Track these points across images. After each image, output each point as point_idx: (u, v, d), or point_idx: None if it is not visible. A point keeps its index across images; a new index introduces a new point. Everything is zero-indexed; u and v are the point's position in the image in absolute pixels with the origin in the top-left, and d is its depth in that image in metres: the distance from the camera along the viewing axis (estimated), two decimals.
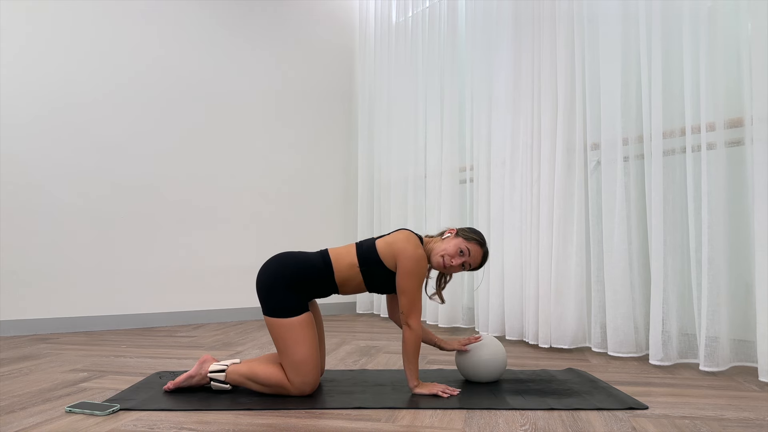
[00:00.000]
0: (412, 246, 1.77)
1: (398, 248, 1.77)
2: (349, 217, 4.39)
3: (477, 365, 1.92)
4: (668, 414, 1.57)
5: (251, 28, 4.00)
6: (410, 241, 1.78)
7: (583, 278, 2.62)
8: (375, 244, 1.82)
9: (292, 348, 1.70)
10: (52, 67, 3.24)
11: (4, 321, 3.03)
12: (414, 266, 1.75)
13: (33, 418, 1.51)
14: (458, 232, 1.88)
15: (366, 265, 1.79)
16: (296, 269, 1.76)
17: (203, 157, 3.74)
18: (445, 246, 1.84)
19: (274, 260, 1.80)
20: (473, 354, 1.93)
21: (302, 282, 1.76)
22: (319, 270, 1.79)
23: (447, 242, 1.86)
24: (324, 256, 1.82)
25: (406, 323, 1.75)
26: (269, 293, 1.74)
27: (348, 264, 1.80)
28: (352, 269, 1.80)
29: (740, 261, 2.25)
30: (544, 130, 2.79)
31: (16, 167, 3.12)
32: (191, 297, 3.64)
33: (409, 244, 1.77)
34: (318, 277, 1.78)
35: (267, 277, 1.76)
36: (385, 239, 1.82)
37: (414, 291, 1.75)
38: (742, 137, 2.22)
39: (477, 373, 1.93)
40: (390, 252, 1.78)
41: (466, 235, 1.87)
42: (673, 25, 2.38)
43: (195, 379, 1.78)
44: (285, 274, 1.75)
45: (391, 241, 1.80)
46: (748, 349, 2.20)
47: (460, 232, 1.88)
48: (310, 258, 1.82)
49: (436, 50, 3.66)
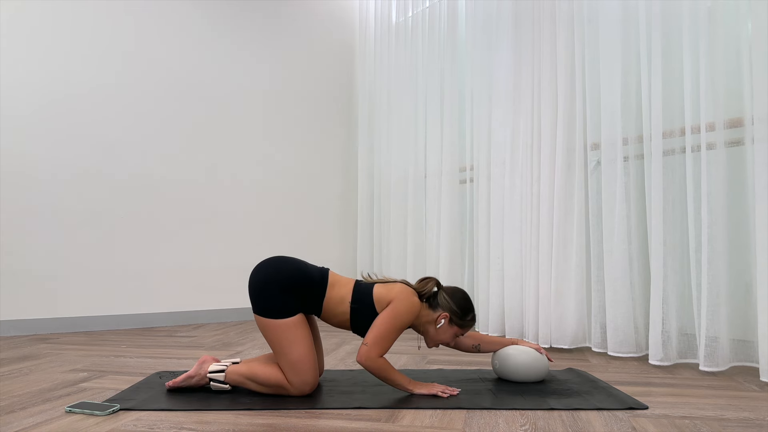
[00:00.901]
0: (408, 294, 1.75)
1: (394, 296, 1.75)
2: (349, 217, 4.39)
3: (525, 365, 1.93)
4: (668, 414, 1.57)
5: (251, 27, 4.00)
6: (407, 291, 1.76)
7: (583, 278, 2.62)
8: (373, 287, 1.79)
9: (287, 348, 1.69)
10: (51, 67, 3.24)
11: (4, 321, 3.03)
12: (403, 311, 1.72)
13: (33, 418, 1.51)
14: (452, 319, 1.81)
15: (357, 303, 1.76)
16: (292, 274, 1.74)
17: (203, 156, 3.74)
18: (441, 337, 1.82)
19: (267, 263, 1.78)
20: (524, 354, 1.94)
21: (293, 289, 1.73)
22: (313, 284, 1.76)
23: (442, 331, 1.81)
24: (323, 274, 1.80)
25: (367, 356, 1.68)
26: (262, 294, 1.71)
27: (340, 295, 1.77)
28: (343, 303, 1.77)
29: (740, 261, 2.25)
30: (544, 130, 2.79)
31: (16, 167, 3.12)
32: (191, 297, 3.64)
33: (406, 293, 1.75)
34: (309, 290, 1.75)
35: (262, 277, 1.74)
36: (386, 286, 1.79)
37: (389, 331, 1.70)
38: (742, 137, 2.22)
39: (518, 372, 1.93)
40: (386, 299, 1.75)
41: (461, 324, 1.82)
42: (673, 25, 2.38)
43: (194, 379, 1.78)
44: (279, 278, 1.72)
45: (391, 287, 1.78)
46: (748, 349, 2.20)
47: (453, 317, 1.80)
48: (308, 268, 1.79)
49: (436, 50, 3.66)
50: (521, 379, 1.94)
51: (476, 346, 2.01)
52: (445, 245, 3.42)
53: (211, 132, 3.78)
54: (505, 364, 1.95)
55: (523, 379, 1.94)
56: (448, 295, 1.82)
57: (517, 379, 1.94)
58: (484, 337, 2.02)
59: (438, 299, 1.83)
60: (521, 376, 1.93)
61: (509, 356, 1.95)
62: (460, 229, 3.46)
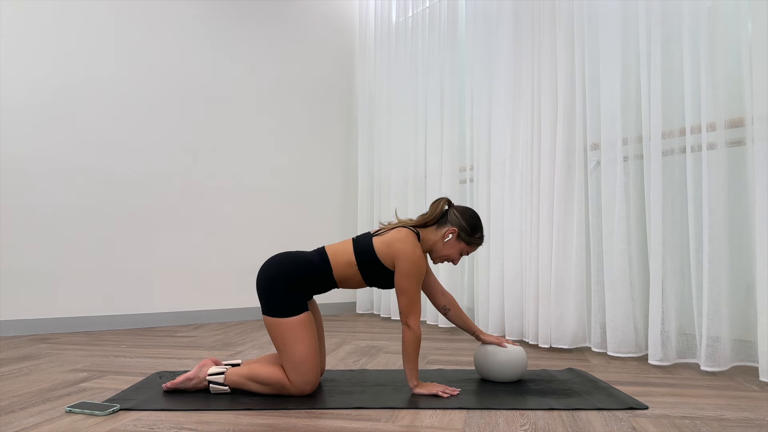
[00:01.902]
0: (411, 247, 1.77)
1: (397, 249, 1.77)
2: (349, 217, 4.39)
3: (499, 365, 1.92)
4: (668, 414, 1.57)
5: (251, 27, 4.00)
6: (409, 242, 1.78)
7: (583, 278, 2.63)
8: (372, 243, 1.81)
9: (291, 347, 1.70)
10: (50, 66, 3.24)
11: (4, 321, 3.03)
12: (412, 268, 1.75)
13: (33, 418, 1.51)
14: (459, 234, 1.86)
15: (364, 263, 1.80)
16: (295, 269, 1.76)
17: (203, 156, 3.74)
18: (447, 251, 1.87)
19: (272, 261, 1.80)
20: (497, 353, 1.93)
21: (301, 281, 1.76)
22: (318, 268, 1.79)
23: (449, 246, 1.86)
24: (321, 254, 1.83)
25: (405, 323, 1.75)
26: (269, 293, 1.74)
27: (346, 262, 1.81)
28: (351, 267, 1.81)
29: (741, 261, 2.25)
30: (544, 130, 2.79)
31: (15, 167, 3.12)
32: (191, 297, 3.64)
33: (408, 245, 1.77)
34: (317, 275, 1.79)
35: (266, 277, 1.76)
36: (383, 239, 1.81)
37: (413, 292, 1.75)
38: (742, 137, 2.22)
39: (495, 373, 1.93)
40: (388, 252, 1.78)
41: (468, 240, 1.87)
42: (673, 25, 2.38)
43: (192, 382, 1.77)
44: (284, 273, 1.75)
45: (389, 240, 1.80)
46: (749, 349, 2.20)
47: (462, 233, 1.86)
48: (307, 257, 1.82)
49: (436, 50, 3.66)
50: (504, 377, 1.94)
51: (446, 307, 2.03)
52: None
53: (211, 132, 3.78)
54: (486, 366, 1.95)
55: (505, 377, 1.94)
56: (459, 212, 1.88)
57: (499, 378, 1.94)
58: (457, 307, 2.03)
59: (448, 216, 1.88)
60: (503, 375, 1.93)
61: (488, 355, 1.95)
62: None
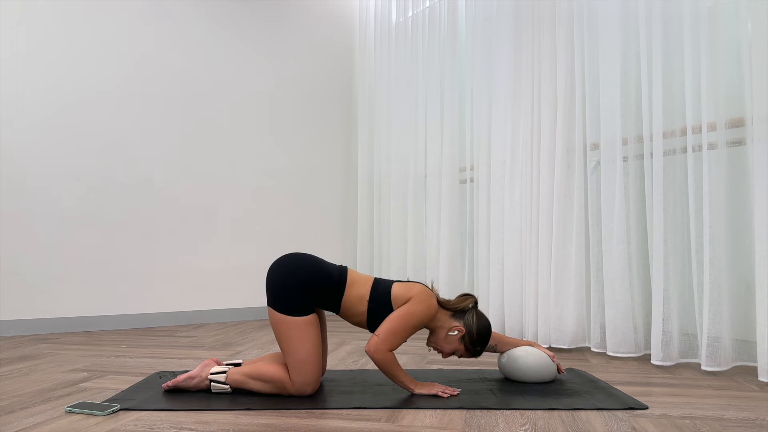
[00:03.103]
0: (427, 297, 1.75)
1: (414, 293, 1.76)
2: (349, 217, 4.39)
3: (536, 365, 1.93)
4: (668, 414, 1.57)
5: (251, 27, 4.00)
6: (427, 294, 1.77)
7: (583, 278, 2.62)
8: (392, 286, 1.80)
9: (296, 346, 1.70)
10: (50, 68, 3.24)
11: (4, 321, 3.03)
12: (418, 310, 1.72)
13: (33, 418, 1.51)
14: (464, 337, 1.80)
15: (375, 302, 1.77)
16: (312, 274, 1.75)
17: (203, 156, 3.74)
18: (445, 343, 1.82)
19: (292, 258, 1.79)
20: (531, 356, 1.94)
21: (313, 287, 1.74)
22: (333, 282, 1.77)
23: (449, 341, 1.81)
24: (341, 273, 1.81)
25: (375, 348, 1.69)
26: (282, 289, 1.72)
27: (359, 294, 1.78)
28: (361, 301, 1.78)
29: (742, 261, 2.25)
30: (544, 130, 2.79)
31: (15, 167, 3.12)
32: (191, 297, 3.64)
33: (426, 296, 1.75)
34: (328, 289, 1.76)
35: (283, 273, 1.75)
36: (405, 285, 1.80)
37: (403, 328, 1.71)
38: (743, 137, 2.22)
39: (528, 373, 1.94)
40: (404, 295, 1.76)
41: (468, 347, 1.81)
42: (673, 25, 2.38)
43: (194, 381, 1.78)
44: (300, 275, 1.74)
45: (410, 287, 1.78)
46: (750, 349, 2.20)
47: (467, 337, 1.80)
48: (327, 267, 1.80)
49: (436, 50, 3.66)
50: (526, 379, 1.94)
51: (493, 346, 2.01)
52: (445, 245, 3.42)
53: (211, 132, 3.78)
54: (514, 363, 1.95)
55: (528, 379, 1.94)
56: (477, 317, 1.82)
57: (522, 378, 1.94)
58: (502, 338, 2.01)
59: (465, 314, 1.83)
60: (526, 377, 1.93)
61: (519, 357, 1.95)
62: (460, 229, 3.46)
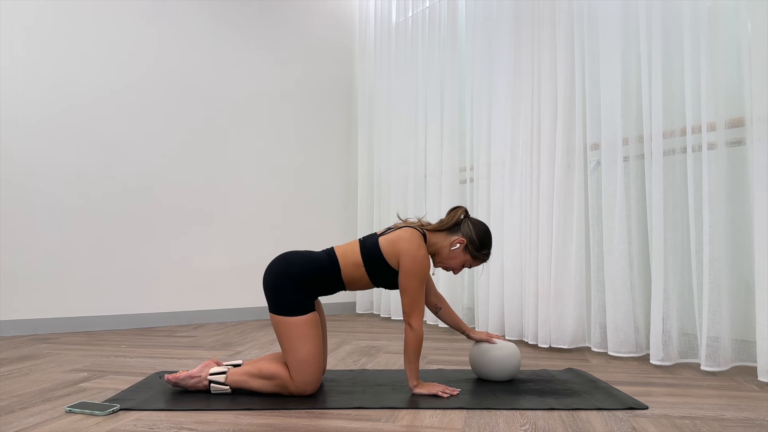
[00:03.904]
0: (415, 247, 1.77)
1: (401, 248, 1.77)
2: (349, 217, 4.39)
3: (492, 362, 1.93)
4: (668, 414, 1.57)
5: (251, 28, 4.00)
6: (413, 242, 1.78)
7: (583, 278, 2.62)
8: (378, 243, 1.81)
9: (296, 345, 1.70)
10: (51, 68, 3.24)
11: (4, 321, 3.03)
12: (416, 267, 1.75)
13: (33, 418, 1.51)
14: (467, 246, 1.85)
15: (370, 263, 1.80)
16: (304, 268, 1.77)
17: (203, 157, 3.74)
18: (451, 259, 1.86)
19: (281, 259, 1.81)
20: (490, 350, 1.95)
21: (310, 280, 1.76)
22: (326, 268, 1.79)
23: (454, 255, 1.85)
24: (330, 255, 1.83)
25: (407, 323, 1.76)
26: (277, 292, 1.74)
27: (353, 262, 1.81)
28: (358, 268, 1.81)
29: (741, 261, 2.25)
30: (544, 130, 2.79)
31: (15, 167, 3.12)
32: (191, 297, 3.64)
33: (413, 245, 1.77)
34: (325, 275, 1.79)
35: (275, 275, 1.76)
36: (389, 237, 1.81)
37: (416, 291, 1.75)
38: (743, 137, 2.22)
39: (489, 371, 1.94)
40: (393, 251, 1.78)
41: (475, 254, 1.86)
42: (673, 25, 2.38)
43: (193, 380, 1.77)
44: (293, 272, 1.75)
45: (395, 239, 1.80)
46: (749, 349, 2.20)
47: (470, 245, 1.84)
48: (316, 256, 1.82)
49: (436, 50, 3.66)
50: (497, 375, 1.94)
51: (437, 306, 2.06)
52: None
53: (211, 132, 3.78)
54: (482, 366, 1.96)
55: (499, 375, 1.94)
56: (473, 224, 1.87)
57: (494, 376, 1.95)
58: (447, 306, 2.07)
59: (461, 226, 1.88)
60: (495, 373, 1.94)
61: (481, 352, 1.97)
62: None
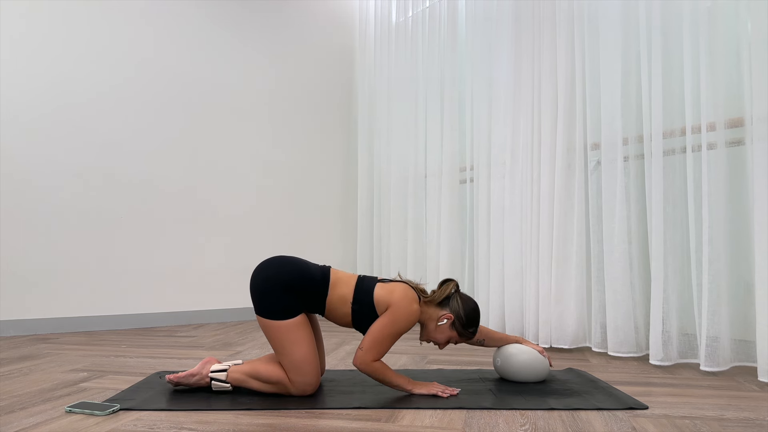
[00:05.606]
0: (408, 301, 1.73)
1: (396, 298, 1.73)
2: (349, 217, 4.39)
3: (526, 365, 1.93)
4: (668, 414, 1.57)
5: (250, 27, 4.00)
6: (408, 297, 1.74)
7: (583, 278, 2.62)
8: (375, 287, 1.78)
9: (289, 349, 1.69)
10: (49, 66, 3.24)
11: (4, 321, 3.03)
12: (401, 317, 1.71)
13: (33, 418, 1.51)
14: (454, 322, 1.80)
15: (358, 304, 1.76)
16: (294, 275, 1.74)
17: (203, 157, 3.74)
18: (437, 334, 1.82)
19: (272, 262, 1.78)
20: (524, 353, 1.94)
21: (296, 290, 1.73)
22: (315, 284, 1.76)
23: (440, 330, 1.81)
24: (324, 274, 1.79)
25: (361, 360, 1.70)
26: (264, 294, 1.71)
27: (342, 294, 1.77)
28: (344, 302, 1.77)
29: (741, 261, 2.25)
30: (544, 130, 2.79)
31: (15, 167, 3.12)
32: (191, 297, 3.64)
33: (406, 299, 1.73)
34: (311, 291, 1.75)
35: (263, 278, 1.74)
36: (387, 286, 1.78)
37: (386, 338, 1.70)
38: (742, 137, 2.22)
39: (520, 373, 1.94)
40: (386, 299, 1.74)
41: (461, 331, 1.81)
42: (673, 25, 2.38)
43: (195, 378, 1.78)
44: (281, 278, 1.72)
45: (392, 289, 1.76)
46: (749, 349, 2.20)
47: (457, 322, 1.80)
48: (310, 268, 1.79)
49: (436, 50, 3.66)
50: (522, 378, 1.94)
51: (481, 340, 2.01)
52: (445, 245, 3.42)
53: (211, 132, 3.78)
54: (507, 363, 1.95)
55: (524, 379, 1.94)
56: (462, 301, 1.82)
57: (518, 378, 1.94)
58: (489, 332, 2.01)
59: (450, 301, 1.83)
60: (522, 376, 1.93)
61: (511, 355, 1.95)
62: (460, 229, 3.46)
